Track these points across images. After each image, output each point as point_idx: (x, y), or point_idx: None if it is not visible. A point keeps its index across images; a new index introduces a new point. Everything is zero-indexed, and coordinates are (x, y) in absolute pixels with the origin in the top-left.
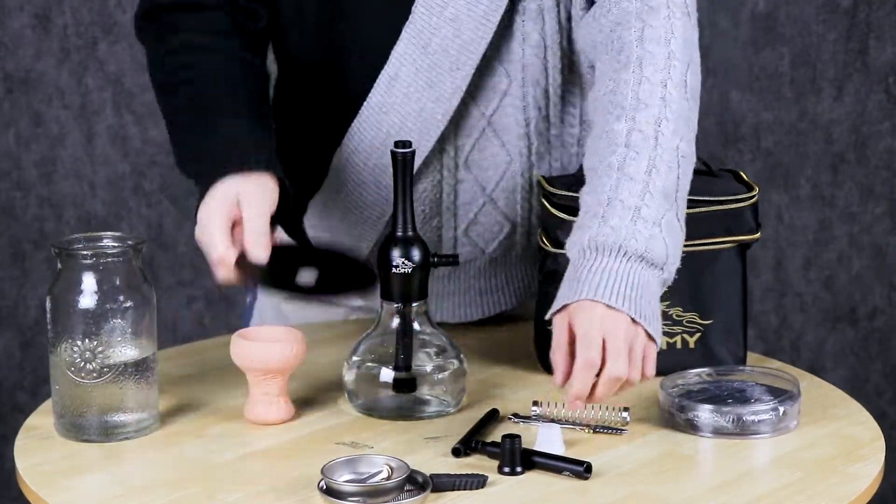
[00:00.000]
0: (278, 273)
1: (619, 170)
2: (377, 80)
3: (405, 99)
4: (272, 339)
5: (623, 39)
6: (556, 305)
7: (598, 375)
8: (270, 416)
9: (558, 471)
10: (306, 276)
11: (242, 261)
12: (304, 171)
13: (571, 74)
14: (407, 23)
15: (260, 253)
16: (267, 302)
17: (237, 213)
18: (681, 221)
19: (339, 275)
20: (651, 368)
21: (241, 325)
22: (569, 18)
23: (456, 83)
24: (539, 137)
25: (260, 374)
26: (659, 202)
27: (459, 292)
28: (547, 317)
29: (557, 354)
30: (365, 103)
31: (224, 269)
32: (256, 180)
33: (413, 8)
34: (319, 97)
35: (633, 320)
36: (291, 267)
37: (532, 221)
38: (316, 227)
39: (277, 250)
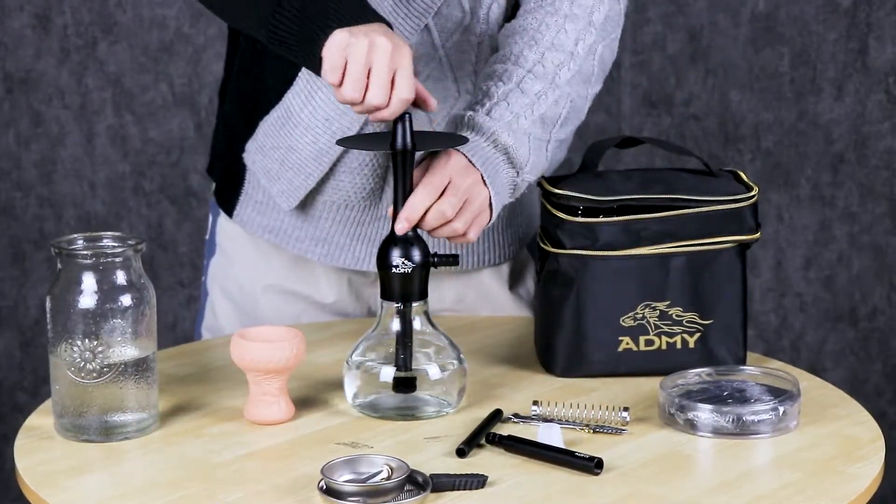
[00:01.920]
0: None
1: (517, 84)
2: None
3: (378, 6)
4: (272, 340)
5: None
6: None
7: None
8: (270, 416)
9: (568, 465)
10: None
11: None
12: (264, 85)
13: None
14: None
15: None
16: (221, 299)
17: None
18: (548, 153)
19: None
20: (474, 232)
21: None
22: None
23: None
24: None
25: (260, 374)
26: (536, 121)
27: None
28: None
29: (416, 193)
30: None
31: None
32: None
33: None
34: None
35: (484, 182)
36: None
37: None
38: (265, 149)
39: None
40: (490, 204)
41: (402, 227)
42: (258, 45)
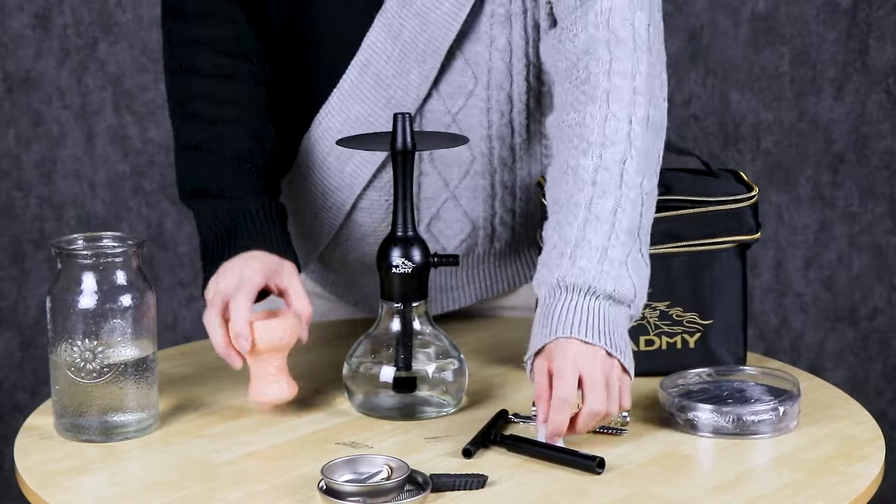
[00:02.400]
0: None
1: (587, 209)
2: (349, 66)
3: (375, 86)
4: (269, 317)
5: (590, 70)
6: (532, 348)
7: (577, 412)
8: (272, 394)
9: (569, 465)
10: None
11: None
12: (281, 146)
13: (538, 83)
14: (379, 12)
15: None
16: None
17: (275, 284)
18: (645, 257)
19: None
20: (627, 401)
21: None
22: (536, 27)
23: (423, 75)
24: (501, 142)
25: (260, 353)
26: (624, 241)
27: None
28: (525, 359)
29: (541, 400)
30: (335, 89)
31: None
32: (290, 266)
33: None
34: (291, 79)
35: (609, 353)
36: None
37: (494, 225)
38: (287, 198)
39: None
40: (625, 367)
41: (553, 440)
42: (279, 111)
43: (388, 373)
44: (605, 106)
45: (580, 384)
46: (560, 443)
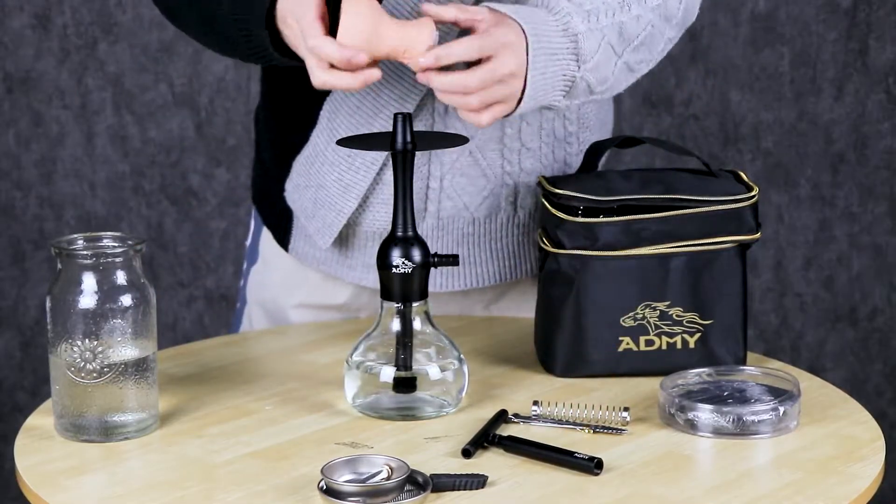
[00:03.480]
0: None
1: None
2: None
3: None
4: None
5: None
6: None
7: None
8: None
9: (568, 465)
10: None
11: None
12: (292, 124)
13: None
14: None
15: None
16: (259, 311)
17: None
18: (615, 68)
19: None
20: (485, 118)
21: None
22: None
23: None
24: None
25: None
26: (613, 28)
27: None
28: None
29: (460, 42)
30: None
31: (326, 65)
32: None
33: None
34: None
35: (520, 75)
36: None
37: (517, 189)
38: (300, 188)
39: None
40: (520, 99)
41: (426, 63)
42: (282, 86)
43: (388, 373)
44: None
45: (482, 61)
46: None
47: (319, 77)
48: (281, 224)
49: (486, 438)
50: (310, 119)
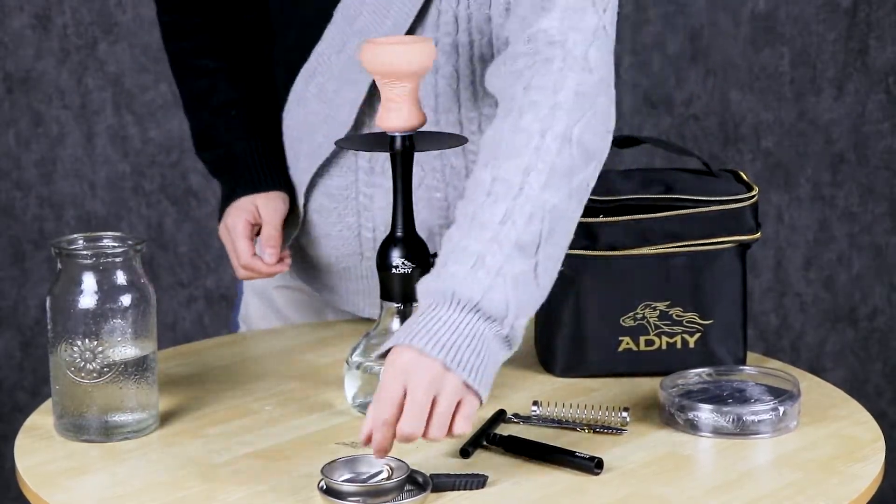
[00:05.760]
0: None
1: (473, 218)
2: (297, 75)
3: (317, 98)
4: (403, 43)
5: (513, 89)
6: (381, 349)
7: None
8: (392, 122)
9: (568, 465)
10: None
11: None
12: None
13: (491, 110)
14: (328, 25)
15: (271, 258)
16: (253, 296)
17: (257, 220)
18: (540, 278)
19: None
20: (462, 426)
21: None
22: (482, 58)
23: (357, 91)
24: (454, 158)
25: (387, 78)
26: (509, 253)
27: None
28: (373, 356)
29: (372, 406)
30: (290, 92)
31: (245, 271)
32: (271, 197)
33: (333, 12)
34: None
35: (446, 367)
36: None
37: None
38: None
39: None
40: (468, 384)
41: (378, 456)
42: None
43: None
44: (517, 120)
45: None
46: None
47: (240, 273)
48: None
49: (484, 438)
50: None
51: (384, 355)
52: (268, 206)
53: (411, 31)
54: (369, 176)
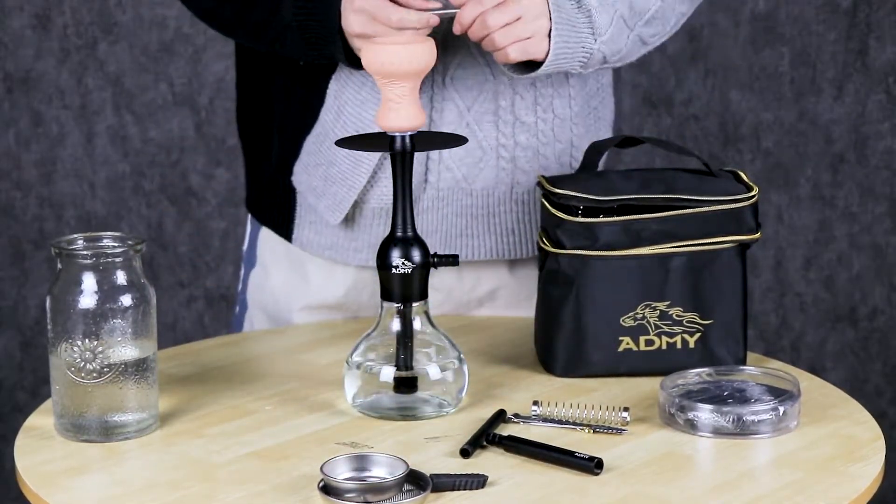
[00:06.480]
0: None
1: None
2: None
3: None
4: (403, 43)
5: None
6: None
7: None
8: (392, 122)
9: (568, 465)
10: None
11: None
12: (299, 106)
13: None
14: None
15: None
16: (258, 312)
17: None
18: (628, 41)
19: None
20: (516, 52)
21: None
22: None
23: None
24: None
25: (386, 78)
26: (625, 4)
27: (441, 230)
28: None
29: None
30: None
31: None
32: None
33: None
34: None
35: (549, 17)
36: None
37: (515, 163)
38: (310, 167)
39: None
40: (549, 34)
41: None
42: (286, 69)
43: (388, 373)
44: None
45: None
46: None
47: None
48: (283, 215)
49: (484, 438)
50: (319, 98)
51: None
52: None
53: None
54: (442, 91)
